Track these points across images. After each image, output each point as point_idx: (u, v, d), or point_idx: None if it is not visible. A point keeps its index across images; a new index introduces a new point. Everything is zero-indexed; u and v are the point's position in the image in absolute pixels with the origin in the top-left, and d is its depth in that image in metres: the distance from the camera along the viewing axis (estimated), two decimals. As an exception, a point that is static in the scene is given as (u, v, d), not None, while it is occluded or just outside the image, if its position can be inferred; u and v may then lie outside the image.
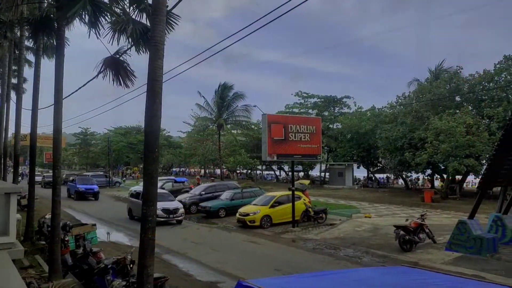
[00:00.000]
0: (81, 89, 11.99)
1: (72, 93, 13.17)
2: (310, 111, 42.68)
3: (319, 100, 42.60)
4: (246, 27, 7.97)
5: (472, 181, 35.82)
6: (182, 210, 17.54)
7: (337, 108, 42.95)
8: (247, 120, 44.48)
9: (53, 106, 8.56)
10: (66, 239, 8.76)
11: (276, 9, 7.16)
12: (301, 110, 42.68)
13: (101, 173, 45.07)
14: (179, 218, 17.34)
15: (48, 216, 10.30)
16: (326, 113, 42.11)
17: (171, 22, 7.76)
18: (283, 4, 6.94)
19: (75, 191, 27.08)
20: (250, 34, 8.09)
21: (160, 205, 14.45)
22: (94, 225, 10.77)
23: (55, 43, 10.00)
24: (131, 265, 6.89)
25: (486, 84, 26.46)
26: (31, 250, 10.58)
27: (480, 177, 15.73)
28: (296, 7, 6.98)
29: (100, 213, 20.74)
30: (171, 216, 17.04)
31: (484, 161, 23.20)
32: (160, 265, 9.51)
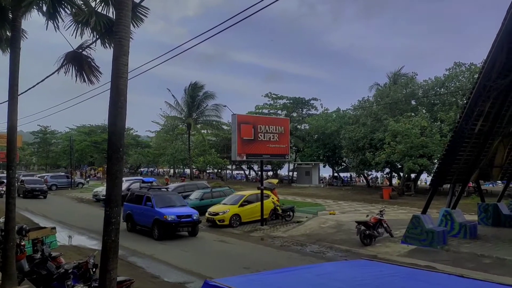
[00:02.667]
0: (44, 86, 11.37)
1: (29, 88, 12.44)
2: (279, 112, 43.40)
3: (288, 101, 43.41)
4: (217, 25, 7.99)
5: (425, 179, 38.30)
6: None
7: (305, 110, 44.09)
8: (217, 120, 44.37)
9: (7, 102, 8.09)
10: (22, 243, 8.31)
11: (247, 9, 7.26)
12: (271, 111, 43.28)
13: (62, 173, 42.79)
14: None
15: (2, 219, 9.69)
16: (294, 114, 43.07)
17: (139, 15, 7.59)
18: (253, 5, 7.05)
19: (158, 222, 13.70)
20: (222, 31, 8.10)
21: None
22: (54, 228, 10.29)
23: (10, 35, 9.42)
24: (94, 269, 6.71)
25: (438, 89, 28.59)
26: (-18, 257, 9.90)
27: (432, 175, 16.90)
28: (266, 6, 7.12)
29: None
30: None
31: (435, 161, 25.01)
32: (126, 268, 9.31)
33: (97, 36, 8.01)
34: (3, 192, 29.87)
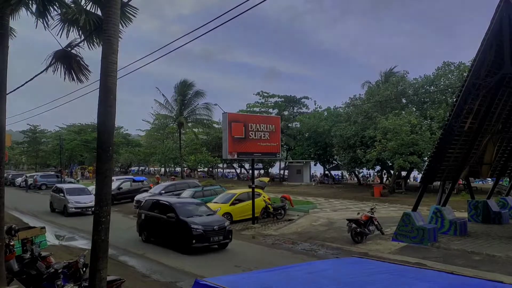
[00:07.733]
0: (34, 85, 11.16)
1: (18, 87, 12.23)
2: (270, 110, 43.43)
3: (279, 99, 43.48)
4: (206, 23, 7.95)
5: (415, 176, 38.76)
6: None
7: (297, 108, 44.21)
8: (208, 118, 44.22)
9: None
10: (11, 243, 8.20)
11: (235, 7, 7.24)
12: (262, 110, 43.28)
13: (52, 173, 42.23)
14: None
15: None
16: (286, 113, 43.15)
17: (128, 15, 7.52)
18: (242, 3, 7.01)
19: None
20: (215, 28, 8.08)
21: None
22: (43, 228, 10.16)
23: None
24: (84, 269, 6.67)
25: (428, 87, 28.94)
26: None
27: (422, 172, 17.08)
28: (258, 4, 7.10)
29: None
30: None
31: (426, 158, 25.34)
32: (117, 267, 9.26)
33: (87, 34, 7.91)
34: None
